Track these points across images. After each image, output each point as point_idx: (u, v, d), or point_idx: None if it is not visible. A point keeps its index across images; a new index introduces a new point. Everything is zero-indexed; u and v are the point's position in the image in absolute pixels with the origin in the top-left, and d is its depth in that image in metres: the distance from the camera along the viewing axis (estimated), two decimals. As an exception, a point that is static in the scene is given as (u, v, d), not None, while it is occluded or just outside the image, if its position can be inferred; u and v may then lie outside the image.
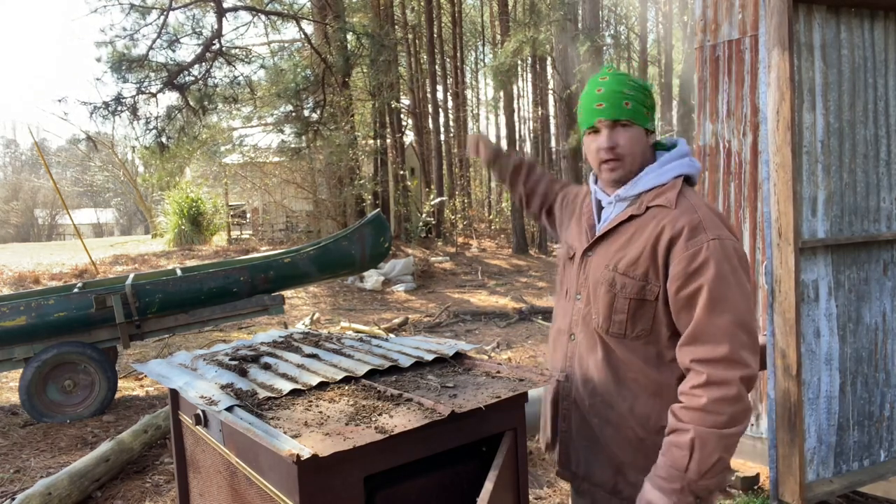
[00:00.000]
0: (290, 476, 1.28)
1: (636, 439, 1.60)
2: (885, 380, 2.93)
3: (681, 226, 1.52)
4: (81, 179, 41.57)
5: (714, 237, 1.49)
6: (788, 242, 2.58)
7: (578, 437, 1.72)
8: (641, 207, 1.61)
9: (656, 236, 1.54)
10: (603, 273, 1.62)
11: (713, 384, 1.43)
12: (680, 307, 1.51)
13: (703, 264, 1.47)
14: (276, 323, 8.80)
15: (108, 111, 10.50)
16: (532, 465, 3.87)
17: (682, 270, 1.49)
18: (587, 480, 1.71)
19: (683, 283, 1.49)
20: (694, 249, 1.49)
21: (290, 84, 13.08)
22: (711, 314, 1.45)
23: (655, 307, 1.56)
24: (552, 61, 18.15)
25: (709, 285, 1.46)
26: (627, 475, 1.62)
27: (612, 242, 1.64)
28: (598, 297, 1.63)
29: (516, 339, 7.94)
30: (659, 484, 1.44)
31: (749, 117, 3.77)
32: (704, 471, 1.40)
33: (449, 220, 20.72)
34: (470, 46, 32.32)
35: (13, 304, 5.12)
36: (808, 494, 2.64)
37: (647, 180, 1.62)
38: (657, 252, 1.54)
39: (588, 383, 1.67)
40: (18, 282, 11.46)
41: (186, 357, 2.08)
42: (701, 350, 1.46)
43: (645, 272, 1.55)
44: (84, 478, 3.62)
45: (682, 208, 1.55)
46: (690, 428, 1.42)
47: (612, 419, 1.63)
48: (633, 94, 1.61)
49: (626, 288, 1.57)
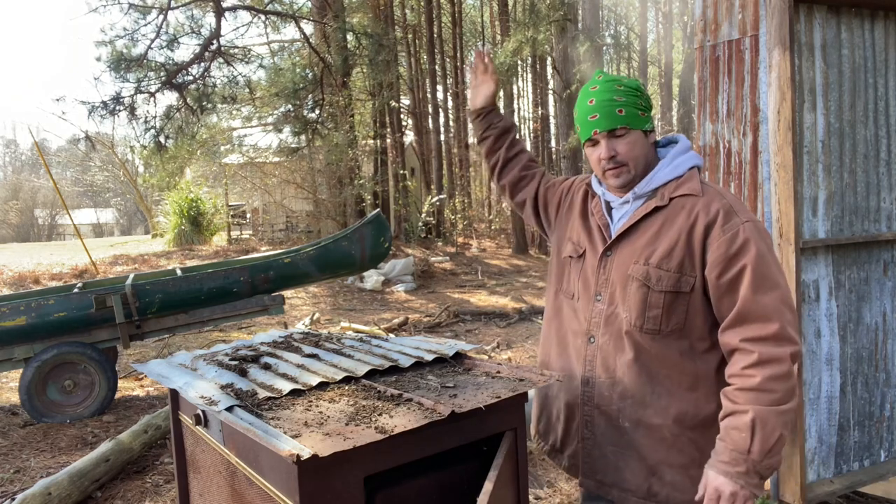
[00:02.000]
0: (290, 476, 1.28)
1: (671, 437, 1.58)
2: (885, 380, 2.93)
3: (715, 210, 1.53)
4: (81, 179, 41.58)
5: (747, 219, 1.52)
6: (789, 242, 2.58)
7: (605, 442, 1.68)
8: (665, 199, 1.60)
9: (691, 225, 1.55)
10: (633, 269, 1.60)
11: (766, 362, 1.43)
12: (723, 292, 1.51)
13: (742, 246, 1.49)
14: (276, 323, 8.80)
15: (107, 111, 10.50)
16: (532, 465, 3.86)
17: (723, 254, 1.50)
18: (616, 487, 1.67)
19: (725, 267, 1.50)
20: (731, 233, 1.50)
21: (288, 84, 13.08)
22: (757, 293, 1.46)
23: (689, 299, 1.55)
24: (552, 61, 18.14)
25: (752, 265, 1.47)
26: (663, 476, 1.60)
27: (636, 238, 1.62)
28: (629, 294, 1.60)
29: (516, 339, 7.94)
30: (724, 469, 1.42)
31: (749, 117, 3.77)
32: (768, 449, 1.40)
33: (449, 220, 20.71)
34: (470, 46, 32.31)
35: (13, 304, 5.12)
36: (808, 495, 2.63)
37: (662, 175, 1.63)
38: (693, 240, 1.54)
39: (616, 386, 1.63)
40: (18, 282, 11.46)
41: (186, 357, 2.07)
42: (750, 329, 1.46)
43: (680, 263, 1.55)
44: (84, 478, 3.62)
45: (709, 195, 1.57)
46: (749, 409, 1.41)
47: (645, 420, 1.60)
48: (624, 99, 1.61)
49: (662, 281, 1.56)
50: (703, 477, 1.48)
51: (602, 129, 1.61)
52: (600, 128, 1.61)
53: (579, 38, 14.40)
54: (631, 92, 1.62)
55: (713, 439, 1.57)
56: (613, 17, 29.24)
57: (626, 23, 30.35)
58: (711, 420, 1.58)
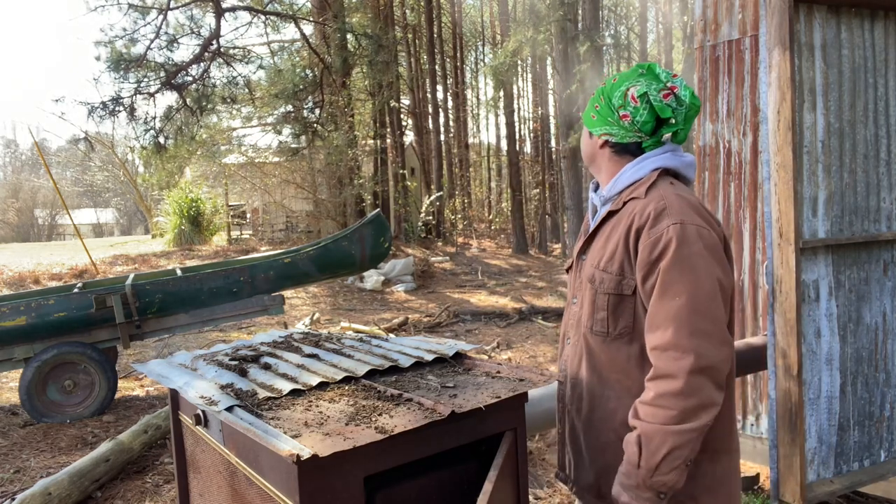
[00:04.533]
0: (290, 476, 1.28)
1: (617, 440, 1.58)
2: (885, 380, 2.93)
3: (647, 213, 1.49)
4: (81, 179, 41.57)
5: (676, 221, 1.44)
6: (789, 242, 2.58)
7: (569, 440, 1.74)
8: (620, 203, 1.61)
9: (627, 228, 1.53)
10: (587, 272, 1.64)
11: (659, 377, 1.39)
12: (647, 297, 1.48)
13: (662, 250, 1.43)
14: (276, 323, 8.80)
15: (106, 111, 10.49)
16: (532, 465, 3.86)
17: (646, 259, 1.46)
18: (576, 484, 1.72)
19: (647, 273, 1.46)
20: (655, 236, 1.45)
21: (288, 84, 13.07)
22: (662, 299, 1.41)
23: (634, 302, 1.53)
24: (552, 61, 18.14)
25: (663, 269, 1.42)
26: (610, 477, 1.60)
27: (597, 242, 1.66)
28: (585, 296, 1.64)
29: (516, 339, 7.94)
30: (620, 480, 1.45)
31: (749, 117, 3.77)
32: (654, 466, 1.37)
33: (449, 219, 20.72)
34: (470, 46, 32.31)
35: (13, 304, 5.12)
36: (808, 495, 2.63)
37: (625, 178, 1.62)
38: (629, 243, 1.52)
39: (577, 386, 1.68)
40: (18, 282, 11.45)
41: (186, 357, 2.07)
42: (653, 338, 1.43)
43: (620, 266, 1.54)
44: (84, 478, 3.61)
45: (650, 197, 1.53)
46: (637, 424, 1.41)
47: (594, 422, 1.63)
48: (591, 98, 1.69)
49: (605, 283, 1.56)
50: None
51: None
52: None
53: (579, 38, 14.39)
54: (598, 93, 1.67)
55: None
56: (613, 17, 29.24)
57: (626, 23, 30.35)
58: None
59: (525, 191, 25.08)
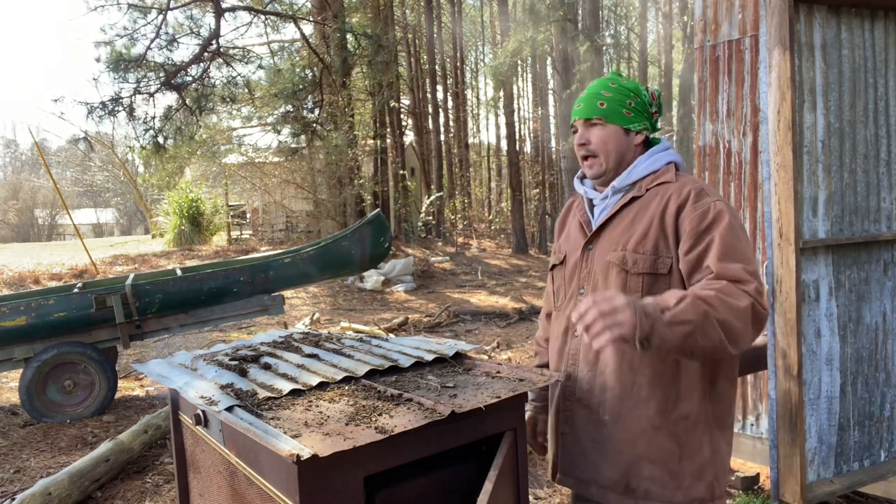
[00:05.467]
0: (290, 476, 1.27)
1: (651, 430, 1.58)
2: (885, 380, 2.93)
3: (686, 191, 1.58)
4: (81, 179, 41.55)
5: (718, 199, 1.56)
6: (789, 242, 2.58)
7: (584, 438, 1.67)
8: (642, 190, 1.66)
9: (663, 207, 1.59)
10: (612, 256, 1.63)
11: (726, 293, 1.42)
12: (692, 266, 1.53)
13: (714, 220, 1.52)
14: (276, 323, 8.79)
15: (106, 111, 10.49)
16: (532, 465, 3.86)
17: (694, 229, 1.53)
18: (594, 483, 1.66)
19: (696, 241, 1.52)
20: (703, 209, 1.54)
21: (288, 84, 13.07)
22: (723, 260, 1.47)
23: (668, 281, 1.57)
24: (552, 61, 18.14)
25: (721, 235, 1.49)
26: (641, 470, 1.59)
27: (614, 228, 1.66)
28: (609, 281, 1.63)
29: (516, 339, 7.94)
30: (636, 301, 1.37)
31: (749, 117, 3.77)
32: (677, 321, 1.36)
33: (449, 219, 20.73)
34: (470, 46, 32.32)
35: (13, 304, 5.12)
36: (808, 495, 2.63)
37: (640, 169, 1.69)
38: (665, 221, 1.58)
39: (598, 378, 1.64)
40: (18, 282, 11.45)
41: (186, 357, 2.07)
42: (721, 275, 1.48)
43: (655, 245, 1.58)
44: (84, 478, 3.61)
45: (683, 181, 1.63)
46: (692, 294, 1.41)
47: (625, 412, 1.60)
48: (611, 95, 1.68)
49: (639, 264, 1.58)
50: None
51: (580, 116, 1.71)
52: (578, 115, 1.72)
53: (579, 38, 14.40)
54: (622, 91, 1.69)
55: (693, 432, 1.58)
56: (613, 17, 29.24)
57: (626, 23, 30.35)
58: (692, 412, 1.58)
59: (525, 191, 25.09)
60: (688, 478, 1.58)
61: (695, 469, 1.59)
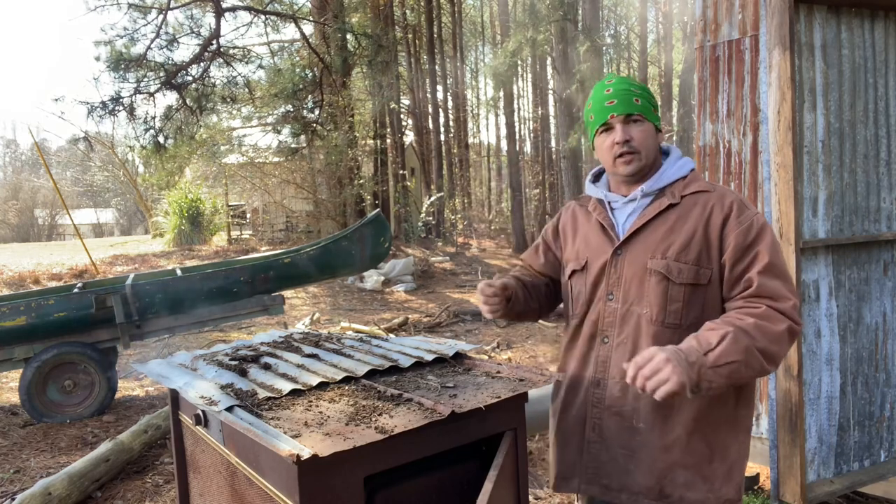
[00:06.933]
0: (290, 476, 1.27)
1: (686, 436, 1.58)
2: (885, 380, 2.93)
3: (729, 203, 1.59)
4: (81, 179, 41.55)
5: (757, 212, 1.60)
6: (789, 242, 2.58)
7: (615, 445, 1.65)
8: (677, 196, 1.64)
9: (707, 218, 1.59)
10: (652, 263, 1.61)
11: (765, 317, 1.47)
12: (735, 278, 1.56)
13: (757, 236, 1.55)
14: (276, 323, 8.79)
15: (106, 111, 10.48)
16: (532, 465, 3.86)
17: (740, 245, 1.55)
18: (626, 490, 1.64)
19: (742, 256, 1.55)
20: (747, 224, 1.56)
21: (288, 84, 13.06)
22: (765, 276, 1.51)
23: (706, 292, 1.58)
24: (552, 61, 18.14)
25: (765, 251, 1.53)
26: (676, 477, 1.59)
27: (649, 234, 1.63)
28: (648, 289, 1.61)
29: (516, 339, 7.94)
30: (676, 352, 1.39)
31: (749, 117, 3.77)
32: (721, 363, 1.39)
33: (449, 219, 20.71)
34: (470, 46, 32.31)
35: (13, 304, 5.12)
36: (808, 495, 2.63)
37: (670, 174, 1.68)
38: (710, 232, 1.58)
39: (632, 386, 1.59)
40: (18, 282, 11.45)
41: (186, 357, 2.07)
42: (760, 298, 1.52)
43: (697, 256, 1.58)
44: (84, 478, 3.61)
45: (720, 190, 1.64)
46: (731, 329, 1.43)
47: (659, 420, 1.59)
48: (640, 92, 1.67)
49: (682, 273, 1.58)
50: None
51: (619, 112, 1.64)
52: (617, 111, 1.64)
53: (579, 39, 14.39)
54: (645, 90, 1.70)
55: (725, 437, 1.59)
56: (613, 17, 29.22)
57: (626, 23, 30.33)
58: (726, 418, 1.60)
59: (525, 191, 25.09)
60: (719, 479, 1.60)
61: (725, 470, 1.60)
